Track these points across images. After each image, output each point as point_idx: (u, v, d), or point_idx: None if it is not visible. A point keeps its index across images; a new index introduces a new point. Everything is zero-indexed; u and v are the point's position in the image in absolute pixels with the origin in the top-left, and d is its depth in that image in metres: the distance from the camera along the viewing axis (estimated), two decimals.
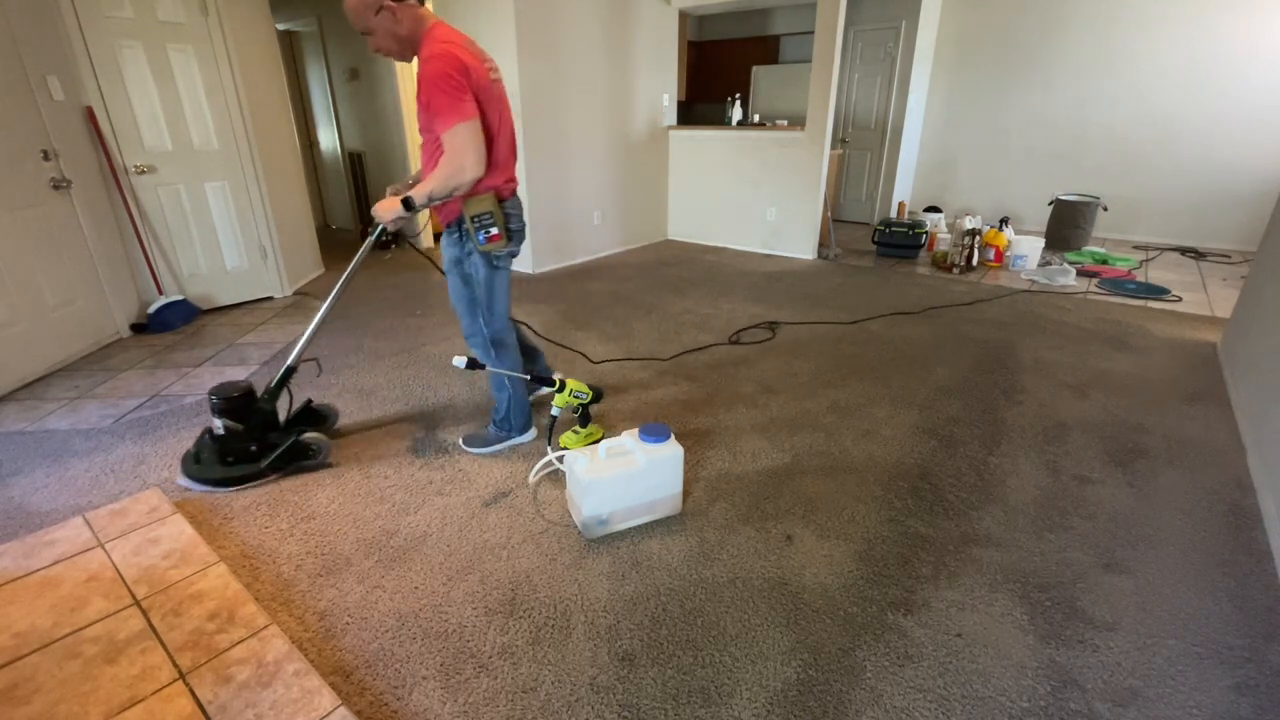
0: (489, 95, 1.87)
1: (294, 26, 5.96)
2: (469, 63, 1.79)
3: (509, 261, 2.13)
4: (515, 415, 2.31)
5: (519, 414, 2.32)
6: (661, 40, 5.48)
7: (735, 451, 2.30)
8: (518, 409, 2.30)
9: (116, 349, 3.27)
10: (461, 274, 2.06)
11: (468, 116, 1.77)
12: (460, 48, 1.80)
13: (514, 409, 2.29)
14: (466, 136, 1.78)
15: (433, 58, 1.75)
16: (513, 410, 2.29)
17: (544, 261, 4.92)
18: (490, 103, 1.87)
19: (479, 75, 1.83)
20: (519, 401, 2.30)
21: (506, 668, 1.41)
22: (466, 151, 1.79)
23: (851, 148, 6.72)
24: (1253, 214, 5.34)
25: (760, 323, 3.66)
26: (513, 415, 2.30)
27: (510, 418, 2.30)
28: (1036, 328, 3.57)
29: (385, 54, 1.87)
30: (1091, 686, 1.37)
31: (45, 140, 2.98)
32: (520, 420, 2.33)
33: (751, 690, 1.36)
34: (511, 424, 2.32)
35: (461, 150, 1.78)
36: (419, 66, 1.79)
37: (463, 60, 1.77)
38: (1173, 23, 5.29)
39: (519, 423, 2.33)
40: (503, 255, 2.06)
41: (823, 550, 1.79)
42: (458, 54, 1.77)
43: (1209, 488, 2.08)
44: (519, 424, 2.34)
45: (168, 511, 1.91)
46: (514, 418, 2.31)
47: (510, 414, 2.29)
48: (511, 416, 2.30)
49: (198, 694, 1.31)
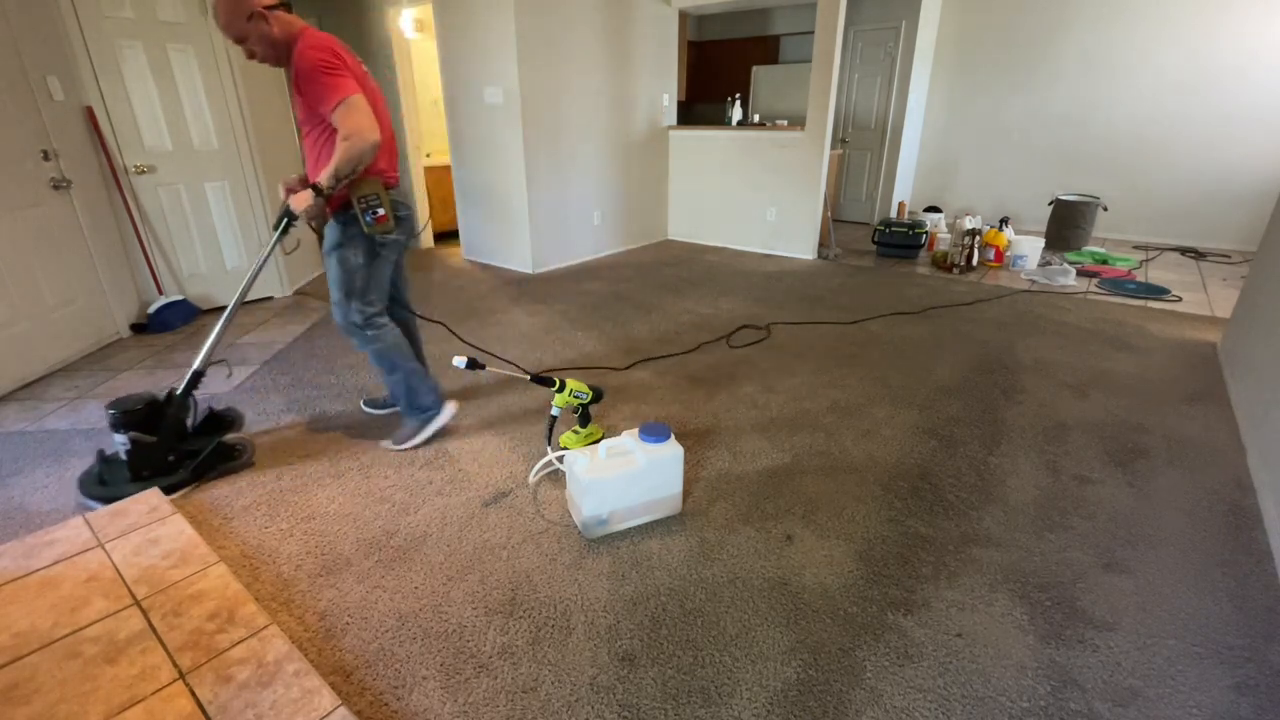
0: (367, 87, 1.93)
1: None
2: (344, 54, 1.88)
3: (394, 250, 2.16)
4: (422, 394, 2.28)
5: (425, 391, 2.28)
6: (661, 40, 5.48)
7: (735, 451, 2.30)
8: (421, 387, 2.28)
9: (117, 349, 3.27)
10: (340, 257, 2.06)
11: (351, 91, 1.83)
12: (335, 42, 1.88)
13: (416, 387, 2.26)
14: (356, 109, 1.83)
15: (307, 49, 1.82)
16: (415, 389, 2.26)
17: (544, 261, 4.92)
18: (368, 94, 1.92)
19: (355, 66, 1.92)
20: (418, 377, 2.27)
21: (506, 668, 1.41)
22: (360, 123, 1.83)
23: (851, 148, 6.72)
24: (1253, 214, 5.34)
25: (746, 324, 3.66)
26: (418, 394, 2.27)
27: (416, 398, 2.27)
28: (1036, 328, 3.57)
29: (261, 60, 1.90)
30: (1091, 686, 1.37)
31: (45, 140, 2.98)
32: (430, 397, 2.31)
33: (751, 690, 1.36)
34: (424, 403, 2.29)
35: (355, 123, 1.82)
36: (296, 61, 1.83)
37: (337, 50, 1.86)
38: (1173, 23, 5.29)
39: (429, 400, 2.31)
40: (388, 241, 2.10)
41: (823, 550, 1.79)
42: (331, 43, 1.86)
43: (1209, 488, 2.08)
44: (429, 401, 2.31)
45: (168, 511, 1.91)
46: (421, 396, 2.28)
47: (413, 393, 2.26)
48: (417, 396, 2.27)
49: (198, 694, 1.31)
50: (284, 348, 3.30)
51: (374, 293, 2.15)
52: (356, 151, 1.83)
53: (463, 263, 5.20)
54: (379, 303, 2.18)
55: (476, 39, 4.42)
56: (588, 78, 4.82)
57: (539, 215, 4.74)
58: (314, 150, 1.99)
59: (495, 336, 3.46)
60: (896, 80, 6.19)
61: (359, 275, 2.09)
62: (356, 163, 1.86)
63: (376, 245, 2.08)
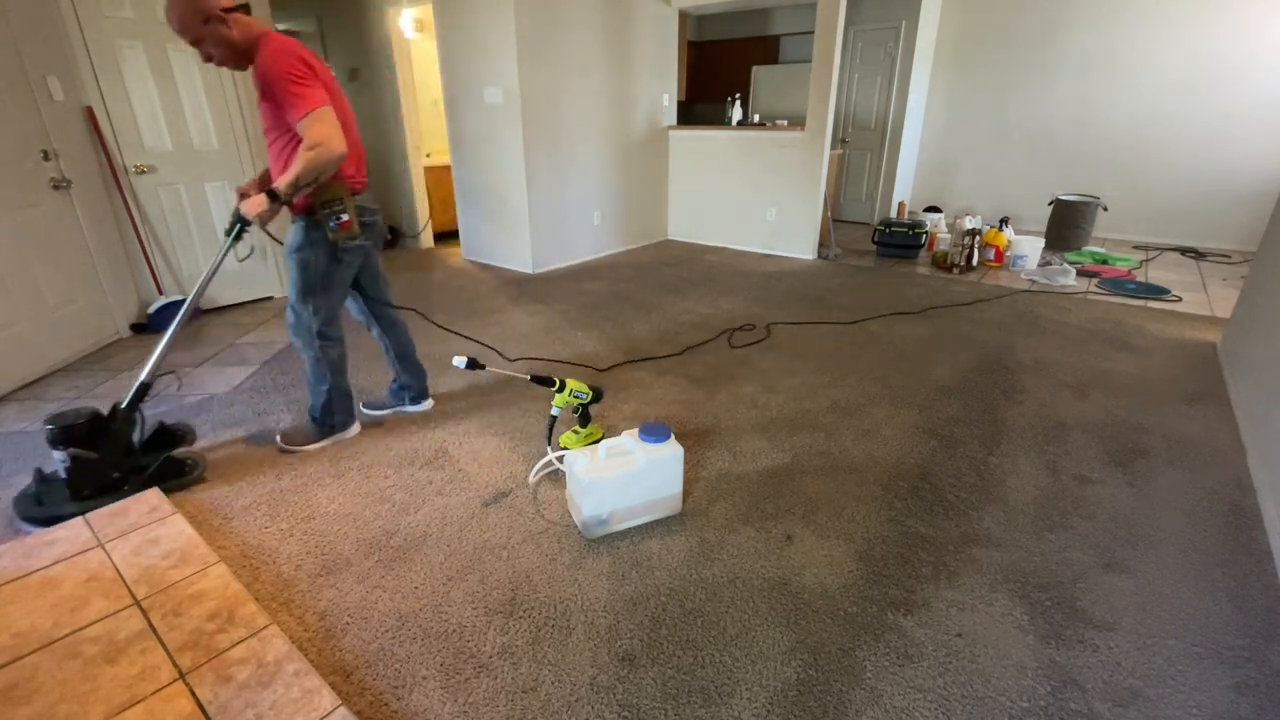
0: (336, 95, 1.92)
1: (294, 26, 5.96)
2: (313, 61, 1.85)
3: (356, 257, 2.14)
4: (337, 412, 2.30)
5: (341, 410, 2.31)
6: (661, 40, 5.48)
7: (735, 451, 2.30)
8: (340, 403, 2.30)
9: (117, 349, 3.27)
10: (301, 260, 2.04)
11: (320, 103, 1.81)
12: (301, 48, 1.85)
13: (335, 405, 2.28)
14: (325, 120, 1.81)
15: (275, 53, 1.79)
16: (333, 406, 2.27)
17: (544, 261, 4.92)
18: (336, 102, 1.91)
19: (324, 73, 1.90)
20: (341, 396, 2.29)
21: (506, 668, 1.41)
22: (327, 134, 1.81)
23: (851, 148, 6.72)
24: (1253, 214, 5.34)
25: (731, 328, 3.66)
26: (334, 411, 2.29)
27: (330, 414, 2.28)
28: (1036, 328, 3.57)
29: (219, 64, 1.86)
30: (1091, 686, 1.37)
31: (45, 140, 2.98)
32: (343, 416, 2.32)
33: (751, 690, 1.36)
34: (335, 420, 2.30)
35: (323, 134, 1.80)
36: (259, 66, 1.80)
37: (305, 58, 1.83)
38: (1173, 22, 5.29)
39: (342, 418, 2.32)
40: (351, 247, 2.08)
41: (823, 550, 1.79)
42: (301, 53, 1.83)
43: (1209, 488, 2.08)
44: (342, 419, 2.33)
45: (168, 511, 1.91)
46: (335, 414, 2.29)
47: (329, 409, 2.27)
48: (332, 413, 2.28)
49: (198, 694, 1.31)
50: (284, 347, 3.29)
51: (332, 300, 2.15)
52: (321, 162, 1.81)
53: (463, 263, 5.21)
54: (335, 311, 2.18)
55: (476, 39, 4.42)
56: (588, 78, 4.82)
57: (539, 215, 4.74)
58: (279, 157, 1.96)
59: (495, 337, 3.46)
60: (896, 80, 6.19)
61: (319, 280, 2.08)
62: (318, 173, 1.84)
63: (339, 251, 2.06)
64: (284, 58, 1.79)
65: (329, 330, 2.17)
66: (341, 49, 5.64)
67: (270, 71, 1.78)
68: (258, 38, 1.84)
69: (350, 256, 2.11)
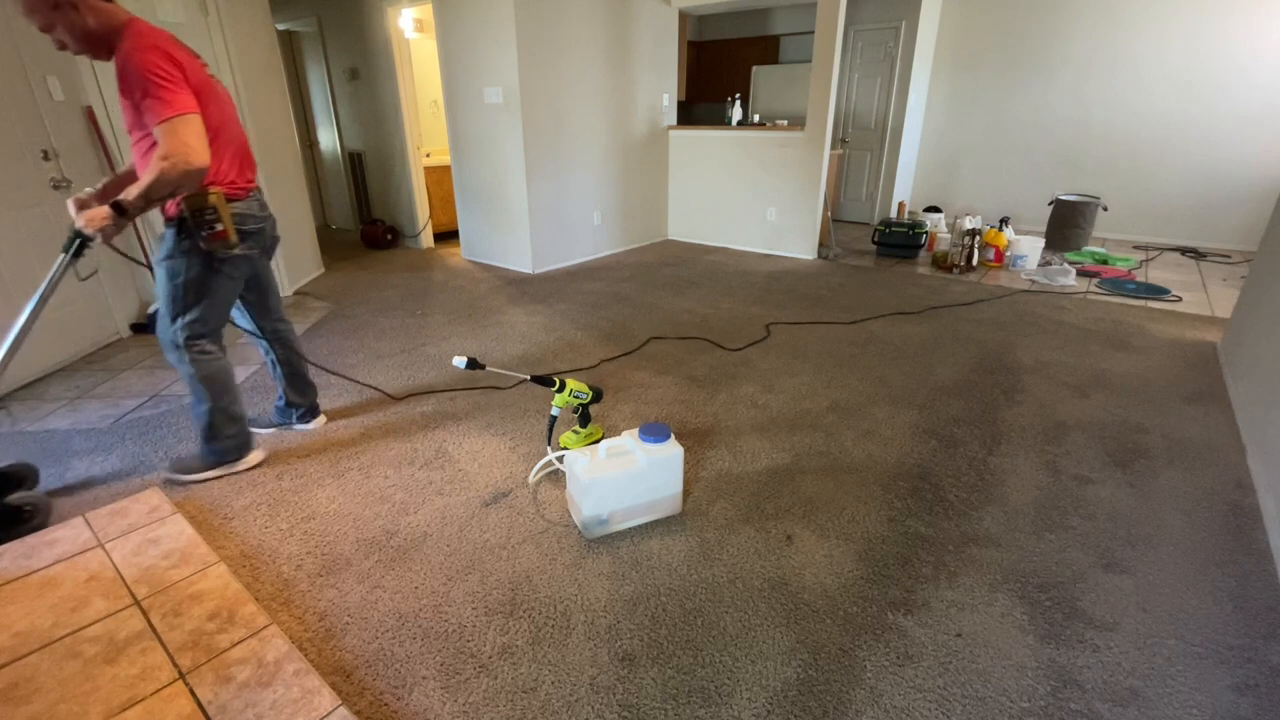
0: (211, 93, 1.79)
1: (294, 26, 5.96)
2: (182, 58, 1.71)
3: (240, 268, 1.98)
4: (222, 436, 2.07)
5: (227, 435, 2.08)
6: (661, 40, 5.48)
7: (735, 451, 2.30)
8: (226, 429, 2.07)
9: (116, 349, 3.27)
10: (169, 269, 1.89)
11: (185, 108, 1.65)
12: (170, 42, 1.71)
13: (220, 427, 2.05)
14: (185, 129, 1.65)
15: (140, 49, 1.63)
16: (217, 428, 2.05)
17: (544, 261, 4.92)
18: (211, 101, 1.79)
19: (196, 71, 1.75)
20: (224, 417, 2.06)
21: (506, 668, 1.41)
22: (187, 144, 1.64)
23: (851, 148, 6.72)
24: (1253, 214, 5.34)
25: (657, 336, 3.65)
26: (219, 435, 2.06)
27: (215, 438, 2.07)
28: (1036, 328, 3.57)
29: (76, 53, 1.71)
30: (1091, 686, 1.37)
31: (45, 140, 2.98)
32: (231, 443, 2.10)
33: (751, 690, 1.36)
34: (218, 446, 2.08)
35: (181, 144, 1.64)
36: (119, 60, 1.65)
37: (174, 55, 1.68)
38: (1173, 23, 5.29)
39: (229, 445, 2.10)
40: (232, 258, 1.92)
41: (823, 550, 1.79)
42: (168, 48, 1.68)
43: (1209, 488, 2.08)
44: (229, 446, 2.10)
45: (168, 511, 1.91)
46: (220, 438, 2.07)
47: (213, 431, 2.06)
48: (217, 437, 2.07)
49: (198, 694, 1.31)
50: None
51: (206, 312, 1.95)
52: (174, 175, 1.64)
53: (462, 263, 5.20)
54: (212, 324, 1.99)
55: (476, 39, 4.42)
56: (588, 78, 4.82)
57: (539, 215, 4.75)
58: (143, 160, 1.77)
59: (494, 337, 3.46)
60: (896, 80, 6.19)
61: (189, 291, 1.90)
62: (173, 187, 1.68)
63: (216, 261, 1.90)
64: (147, 54, 1.62)
65: (203, 344, 1.98)
66: (341, 49, 5.64)
67: (129, 67, 1.62)
68: (120, 26, 1.67)
69: (231, 267, 1.94)
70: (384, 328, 3.59)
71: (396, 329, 3.57)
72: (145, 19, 1.73)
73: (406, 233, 5.86)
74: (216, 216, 1.82)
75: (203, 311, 1.95)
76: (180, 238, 1.87)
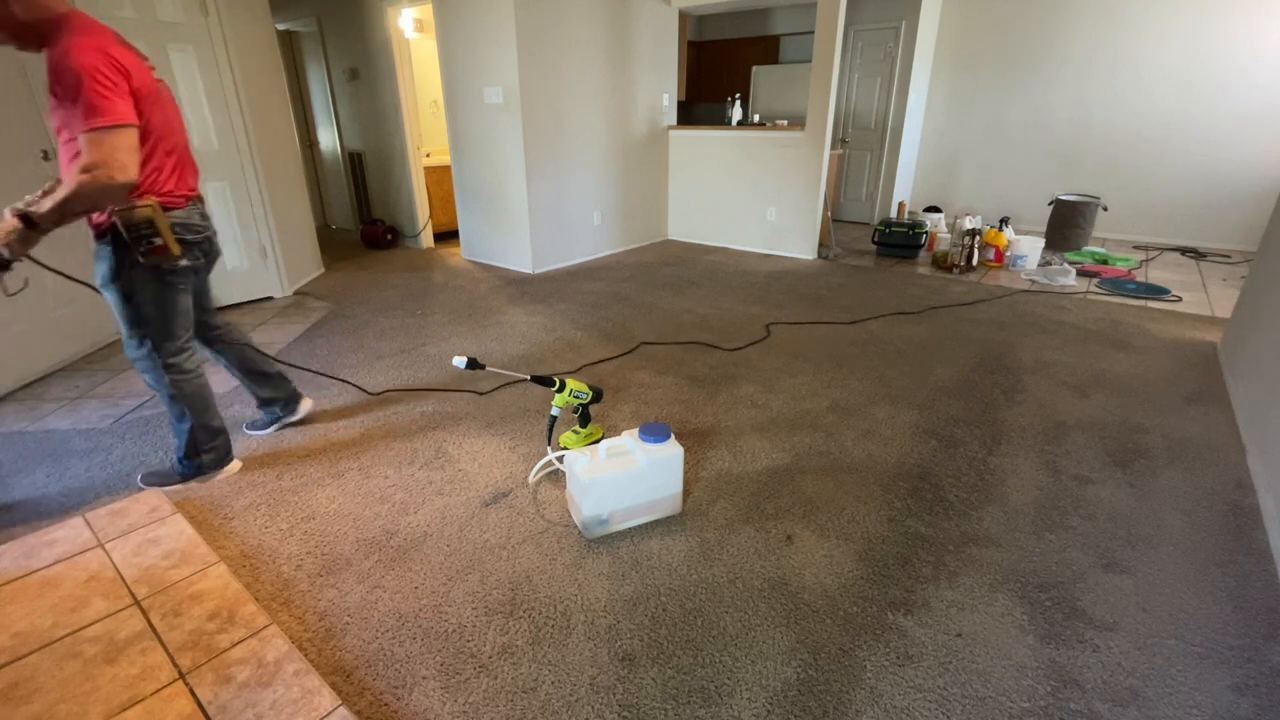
0: (154, 98, 1.69)
1: (294, 26, 5.96)
2: (129, 63, 1.59)
3: (187, 279, 1.89)
4: (202, 451, 2.06)
5: (206, 450, 2.07)
6: (661, 40, 5.48)
7: (735, 451, 2.30)
8: (208, 441, 2.06)
9: (116, 349, 3.27)
10: (120, 291, 1.79)
11: (120, 119, 1.53)
12: (114, 43, 1.59)
13: (200, 443, 2.04)
14: (116, 140, 1.52)
15: (82, 50, 1.50)
16: (198, 443, 2.04)
17: (544, 261, 4.92)
18: (155, 106, 1.69)
19: (142, 76, 1.64)
20: (210, 431, 2.05)
21: (506, 668, 1.41)
22: (114, 158, 1.52)
23: (851, 148, 6.72)
24: (1253, 214, 5.34)
25: (644, 340, 3.65)
26: (199, 450, 2.05)
27: (196, 454, 2.05)
28: (1036, 328, 3.57)
29: (1, 44, 1.58)
30: (1091, 686, 1.37)
31: (45, 140, 2.98)
32: (215, 454, 2.09)
33: (751, 690, 1.36)
34: (203, 459, 2.06)
35: (107, 156, 1.51)
36: (57, 58, 1.51)
37: (119, 59, 1.56)
38: (1173, 23, 5.29)
39: (213, 456, 2.08)
40: (178, 270, 1.83)
41: (823, 550, 1.79)
42: (113, 51, 1.55)
43: (1209, 488, 2.08)
44: (213, 459, 2.08)
45: (168, 511, 1.91)
46: (200, 454, 2.05)
47: (194, 448, 2.04)
48: (198, 453, 2.05)
49: (198, 694, 1.31)
50: (284, 347, 3.30)
51: (173, 326, 1.89)
52: (95, 189, 1.51)
53: (462, 263, 5.20)
54: (181, 337, 1.93)
55: (476, 39, 4.42)
56: (588, 78, 4.82)
57: (539, 215, 4.74)
58: (69, 164, 1.63)
59: (494, 337, 3.46)
60: (896, 80, 6.19)
61: (148, 308, 1.83)
62: (94, 202, 1.56)
63: (165, 274, 1.81)
64: (90, 56, 1.50)
65: (179, 361, 1.93)
66: (341, 49, 5.64)
67: (65, 66, 1.49)
68: (57, 19, 1.55)
69: (178, 278, 1.86)
70: (384, 328, 3.59)
71: (396, 329, 3.57)
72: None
73: (406, 233, 5.86)
74: (153, 231, 1.71)
75: (169, 326, 1.88)
76: (119, 254, 1.75)
